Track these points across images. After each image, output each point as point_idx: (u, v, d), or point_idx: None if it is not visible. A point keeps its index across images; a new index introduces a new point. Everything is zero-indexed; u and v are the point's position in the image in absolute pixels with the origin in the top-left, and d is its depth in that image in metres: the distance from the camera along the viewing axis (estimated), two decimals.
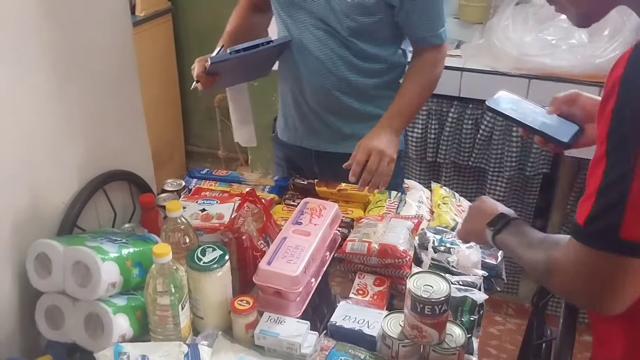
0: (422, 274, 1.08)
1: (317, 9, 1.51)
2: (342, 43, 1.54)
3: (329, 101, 1.62)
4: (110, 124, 1.38)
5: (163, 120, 3.28)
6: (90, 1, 1.28)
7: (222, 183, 1.70)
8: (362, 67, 1.57)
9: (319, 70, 1.58)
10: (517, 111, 1.12)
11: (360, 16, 1.49)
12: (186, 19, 3.18)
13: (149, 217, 1.34)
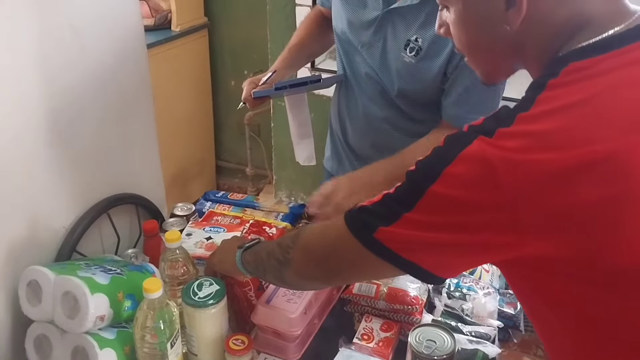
0: (426, 327, 1.00)
1: (372, 61, 1.43)
2: (388, 101, 1.46)
3: (366, 147, 1.56)
4: (119, 148, 1.35)
5: (195, 135, 3.27)
6: (104, 26, 1.26)
7: (236, 208, 1.64)
8: (407, 127, 1.48)
9: (360, 117, 1.52)
10: None
11: (415, 81, 1.39)
12: (221, 35, 3.17)
13: (152, 244, 1.30)
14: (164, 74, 2.94)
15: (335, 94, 1.64)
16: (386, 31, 1.40)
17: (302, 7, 2.34)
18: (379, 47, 1.41)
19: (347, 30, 1.47)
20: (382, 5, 1.38)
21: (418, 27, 1.34)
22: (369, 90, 1.49)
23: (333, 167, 1.73)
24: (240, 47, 3.14)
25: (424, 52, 1.33)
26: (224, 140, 3.45)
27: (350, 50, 1.50)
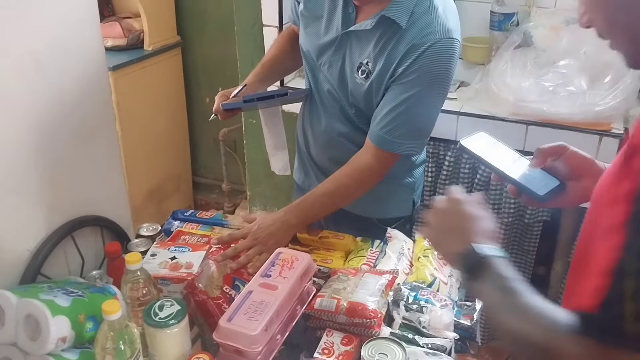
0: (378, 340, 1.03)
1: (332, 79, 1.51)
2: (348, 118, 1.54)
3: (328, 163, 1.62)
4: (82, 170, 1.37)
5: (171, 152, 3.30)
6: (66, 49, 1.29)
7: (204, 226, 1.67)
8: (362, 141, 1.52)
9: (323, 135, 1.59)
10: (493, 155, 1.00)
11: (366, 102, 1.47)
12: (195, 53, 3.21)
13: (115, 266, 1.32)
14: (138, 92, 2.98)
15: (302, 109, 1.69)
16: (344, 52, 1.47)
17: (269, 27, 2.39)
18: (337, 67, 1.48)
19: (310, 49, 1.54)
20: (340, 26, 1.45)
21: (370, 51, 1.40)
22: (330, 107, 1.56)
23: (300, 179, 1.79)
24: (214, 64, 3.18)
25: (373, 76, 1.40)
26: (200, 157, 3.47)
27: (314, 67, 1.56)
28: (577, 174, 1.01)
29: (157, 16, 2.98)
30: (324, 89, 1.55)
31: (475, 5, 2.42)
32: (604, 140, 1.96)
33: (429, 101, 1.41)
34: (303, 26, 1.56)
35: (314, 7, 1.51)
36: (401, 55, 1.36)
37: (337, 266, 1.49)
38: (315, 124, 1.61)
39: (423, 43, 1.34)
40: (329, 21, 1.48)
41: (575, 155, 1.02)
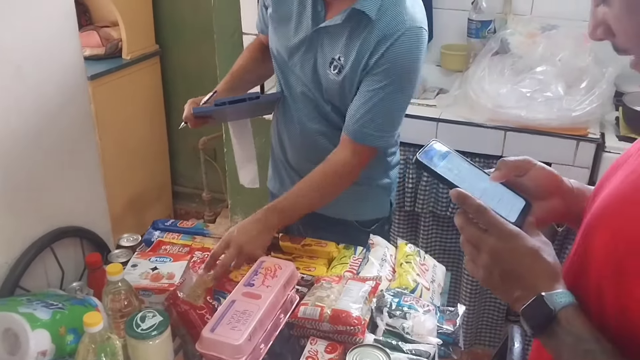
0: (362, 348, 1.03)
1: (305, 79, 1.52)
2: (323, 117, 1.54)
3: (306, 164, 1.61)
4: (61, 181, 1.36)
5: (151, 161, 3.28)
6: (46, 59, 1.28)
7: (185, 236, 1.66)
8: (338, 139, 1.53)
9: (297, 133, 1.59)
10: (454, 171, 0.88)
11: (341, 97, 1.48)
12: (174, 62, 3.20)
13: (96, 277, 1.31)
14: (117, 102, 2.95)
15: (275, 115, 1.69)
16: (316, 50, 1.48)
17: (249, 35, 2.39)
18: (310, 66, 1.50)
19: (282, 50, 1.55)
20: (310, 25, 1.47)
21: (342, 46, 1.43)
22: (304, 107, 1.56)
23: (275, 187, 1.79)
24: (193, 73, 3.17)
25: (346, 70, 1.42)
26: (180, 166, 3.45)
27: (285, 69, 1.57)
28: (545, 192, 0.91)
29: (135, 25, 2.97)
30: (296, 90, 1.55)
31: (453, 13, 2.45)
32: (580, 145, 1.99)
33: (402, 91, 1.43)
34: (273, 29, 1.57)
35: (283, 9, 1.52)
36: (372, 47, 1.38)
37: (320, 274, 1.49)
38: (290, 127, 1.61)
39: (393, 33, 1.36)
40: (299, 21, 1.49)
41: (542, 173, 0.91)
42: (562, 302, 0.73)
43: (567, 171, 2.03)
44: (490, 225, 0.78)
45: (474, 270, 0.81)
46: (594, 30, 0.74)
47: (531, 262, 0.76)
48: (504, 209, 0.83)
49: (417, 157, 0.88)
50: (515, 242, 0.77)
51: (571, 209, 0.91)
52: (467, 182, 0.86)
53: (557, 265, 0.77)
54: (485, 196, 0.84)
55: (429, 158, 0.88)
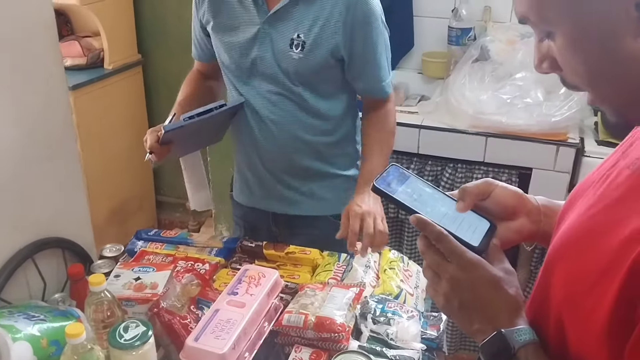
0: (347, 354, 1.04)
1: (270, 72, 1.52)
2: (295, 103, 1.55)
3: (284, 162, 1.63)
4: (43, 192, 1.35)
5: (133, 171, 3.26)
6: (25, 69, 1.27)
7: (169, 245, 1.65)
8: (316, 125, 1.58)
9: (273, 133, 1.58)
10: (414, 196, 0.84)
11: (311, 74, 1.51)
12: (156, 71, 3.19)
13: (78, 288, 1.30)
14: (99, 112, 2.94)
15: (237, 128, 1.67)
16: (271, 39, 1.50)
17: None
18: (269, 57, 1.51)
19: (235, 56, 1.55)
20: (258, 18, 1.49)
21: (296, 25, 1.47)
22: (274, 106, 1.56)
23: (245, 201, 1.78)
24: (176, 82, 3.12)
25: (308, 45, 1.47)
26: (164, 175, 3.44)
27: (243, 76, 1.57)
28: (509, 212, 0.88)
29: (117, 35, 2.96)
30: (262, 92, 1.56)
31: (433, 20, 2.47)
32: (560, 150, 2.01)
33: (384, 32, 1.54)
34: (219, 40, 1.57)
35: (224, 16, 1.53)
36: (338, 14, 1.45)
37: (305, 281, 1.50)
38: (264, 130, 1.60)
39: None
40: (245, 20, 1.50)
41: (504, 192, 0.89)
42: (522, 340, 0.71)
43: (547, 176, 2.05)
44: (451, 253, 0.76)
45: (434, 296, 0.79)
46: (539, 63, 0.72)
47: (491, 294, 0.74)
48: (467, 233, 0.81)
49: (374, 183, 0.85)
50: (475, 272, 0.75)
51: (539, 227, 0.89)
52: (429, 207, 0.83)
53: (519, 296, 0.75)
54: (447, 220, 0.81)
55: (386, 184, 0.86)
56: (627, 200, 0.68)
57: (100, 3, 2.83)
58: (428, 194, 0.86)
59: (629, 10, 0.61)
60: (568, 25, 0.65)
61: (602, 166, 0.79)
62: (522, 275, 2.36)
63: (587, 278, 0.67)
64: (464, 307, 0.76)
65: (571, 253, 0.73)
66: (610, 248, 0.65)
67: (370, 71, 1.55)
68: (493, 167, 2.09)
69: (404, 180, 0.87)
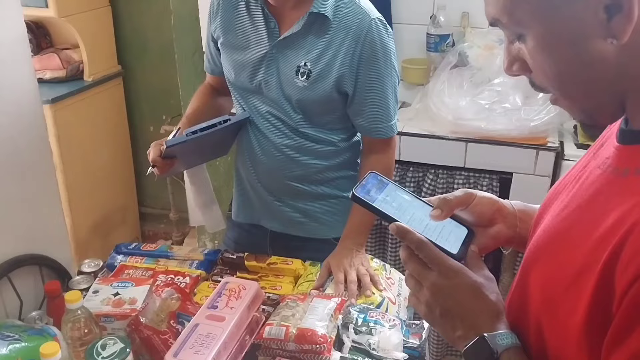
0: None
1: (273, 96, 1.51)
2: (294, 129, 1.54)
3: (283, 183, 1.61)
4: (18, 208, 1.33)
5: (116, 183, 3.24)
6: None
7: (149, 259, 1.64)
8: (315, 149, 1.56)
9: (272, 153, 1.57)
10: (393, 204, 0.84)
11: (313, 104, 1.49)
12: (137, 82, 3.17)
13: (55, 305, 1.28)
14: (80, 124, 2.92)
15: (241, 144, 1.66)
16: (278, 64, 1.49)
17: None
18: (274, 81, 1.50)
19: (241, 75, 1.54)
20: (267, 41, 1.48)
21: (305, 53, 1.45)
22: (273, 127, 1.55)
23: (246, 218, 1.73)
24: (157, 93, 3.15)
25: (314, 75, 1.45)
26: (146, 186, 3.42)
27: (246, 94, 1.57)
28: (488, 219, 0.90)
29: (96, 46, 2.94)
30: (262, 111, 1.55)
31: (412, 27, 2.48)
32: (540, 154, 2.02)
33: (393, 71, 1.50)
34: (228, 57, 1.56)
35: (235, 35, 1.52)
36: (345, 47, 1.43)
37: (287, 292, 1.49)
38: (262, 151, 1.59)
39: (362, 29, 1.42)
40: (255, 41, 1.50)
41: (482, 201, 0.90)
42: (504, 344, 0.72)
43: (528, 180, 2.06)
44: (432, 260, 0.77)
45: (416, 305, 0.80)
46: (509, 66, 0.73)
47: (472, 300, 0.76)
48: (447, 240, 0.81)
49: (353, 191, 0.85)
50: (456, 279, 0.76)
51: (516, 232, 0.91)
52: (408, 215, 0.83)
53: (500, 302, 0.77)
54: (426, 228, 0.82)
55: (365, 192, 0.86)
56: (598, 199, 0.69)
57: (78, 15, 2.82)
58: (407, 201, 0.86)
59: (598, 13, 0.62)
60: (539, 27, 0.66)
61: (574, 168, 0.81)
62: (506, 279, 2.37)
63: (563, 280, 0.68)
64: (446, 314, 0.77)
65: (546, 256, 0.74)
66: (584, 248, 0.66)
67: (372, 109, 1.49)
68: (474, 172, 2.10)
69: (382, 188, 0.87)
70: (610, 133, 0.74)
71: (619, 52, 0.63)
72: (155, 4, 2.90)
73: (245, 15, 1.50)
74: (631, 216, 0.62)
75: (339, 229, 1.58)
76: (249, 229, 1.74)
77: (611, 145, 0.72)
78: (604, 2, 0.61)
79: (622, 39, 0.62)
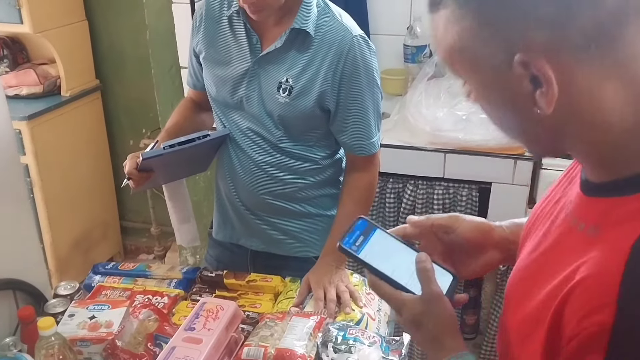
0: None
1: (254, 111, 1.51)
2: (275, 146, 1.53)
3: (263, 201, 1.59)
4: None
5: (96, 198, 3.21)
6: None
7: (127, 279, 1.62)
8: (296, 167, 1.56)
9: (252, 170, 1.56)
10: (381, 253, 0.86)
11: (295, 120, 1.49)
12: (116, 96, 3.16)
13: (30, 331, 1.26)
14: (58, 140, 2.89)
15: (221, 160, 1.64)
16: (259, 80, 1.48)
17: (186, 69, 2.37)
18: (255, 97, 1.49)
19: (222, 90, 1.53)
20: (249, 57, 1.47)
21: (286, 69, 1.45)
22: (253, 143, 1.55)
23: (226, 237, 1.72)
24: (136, 106, 3.13)
25: (296, 91, 1.44)
26: (127, 201, 3.39)
27: (227, 110, 1.56)
28: (477, 247, 0.91)
29: (73, 61, 2.92)
30: (242, 127, 1.54)
31: (389, 38, 2.49)
32: (518, 164, 2.04)
33: (375, 86, 1.51)
34: (209, 71, 1.55)
35: (216, 51, 1.52)
36: (327, 64, 1.43)
37: (267, 309, 1.48)
38: (241, 167, 1.58)
39: (344, 45, 1.42)
40: (237, 57, 1.49)
41: (470, 226, 0.91)
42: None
43: (507, 190, 2.07)
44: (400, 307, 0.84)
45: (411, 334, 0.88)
46: (467, 95, 0.75)
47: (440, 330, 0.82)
48: None
49: (340, 244, 0.87)
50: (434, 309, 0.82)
51: (509, 255, 0.90)
52: (394, 264, 0.85)
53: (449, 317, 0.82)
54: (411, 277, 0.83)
55: (352, 242, 0.87)
56: (558, 249, 0.70)
57: (54, 30, 2.79)
58: (393, 247, 0.88)
59: (523, 83, 0.63)
60: (473, 82, 0.69)
61: (552, 193, 0.81)
62: (488, 288, 2.37)
63: (523, 329, 0.70)
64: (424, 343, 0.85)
65: (517, 298, 0.76)
66: (540, 298, 0.67)
67: (355, 126, 1.49)
68: (453, 182, 2.10)
69: (370, 234, 0.88)
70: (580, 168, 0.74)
71: (550, 117, 0.63)
72: (132, 18, 2.88)
73: (227, 30, 1.50)
74: (577, 274, 0.62)
75: (320, 248, 1.57)
76: (230, 247, 1.73)
77: (576, 186, 0.72)
78: (529, 74, 0.62)
79: (547, 110, 0.62)
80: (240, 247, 1.70)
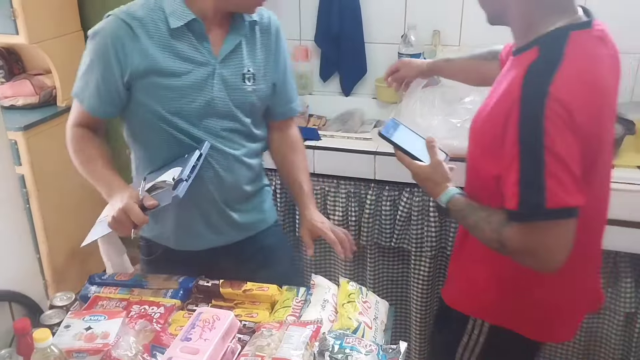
0: None
1: (224, 109, 1.56)
2: (243, 134, 1.62)
3: (241, 191, 1.67)
4: None
5: (93, 207, 3.17)
6: None
7: (123, 289, 1.62)
8: (254, 149, 1.68)
9: (234, 167, 1.62)
10: (406, 140, 1.50)
11: (260, 101, 1.62)
12: None
13: (25, 343, 1.26)
14: (54, 150, 2.88)
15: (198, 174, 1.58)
16: (225, 79, 1.54)
17: None
18: (225, 96, 1.54)
19: (181, 101, 1.50)
20: (209, 58, 1.51)
21: (246, 60, 1.56)
22: (229, 142, 1.59)
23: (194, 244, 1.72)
24: None
25: (259, 75, 1.59)
26: None
27: (193, 119, 1.53)
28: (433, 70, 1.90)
29: (69, 71, 2.89)
30: (216, 130, 1.56)
31: (384, 46, 2.51)
32: None
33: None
34: (160, 89, 1.49)
35: (170, 63, 1.48)
36: (266, 42, 1.61)
37: (263, 319, 1.47)
38: (223, 168, 1.60)
39: (271, 23, 1.63)
40: (196, 64, 1.50)
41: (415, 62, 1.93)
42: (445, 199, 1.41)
43: None
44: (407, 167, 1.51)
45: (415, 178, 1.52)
46: None
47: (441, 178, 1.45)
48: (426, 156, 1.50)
49: (380, 132, 1.50)
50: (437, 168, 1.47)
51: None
52: (412, 144, 1.51)
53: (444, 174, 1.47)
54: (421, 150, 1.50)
55: (386, 131, 1.50)
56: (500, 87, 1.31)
57: (50, 41, 2.80)
58: (412, 136, 1.54)
59: None
60: None
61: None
62: None
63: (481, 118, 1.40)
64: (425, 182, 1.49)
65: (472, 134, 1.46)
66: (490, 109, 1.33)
67: (292, 90, 1.72)
68: None
69: (397, 127, 1.53)
70: None
71: None
72: None
73: (177, 42, 1.48)
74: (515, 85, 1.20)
75: (273, 213, 1.82)
76: (195, 255, 1.72)
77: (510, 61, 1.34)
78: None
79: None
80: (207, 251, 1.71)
